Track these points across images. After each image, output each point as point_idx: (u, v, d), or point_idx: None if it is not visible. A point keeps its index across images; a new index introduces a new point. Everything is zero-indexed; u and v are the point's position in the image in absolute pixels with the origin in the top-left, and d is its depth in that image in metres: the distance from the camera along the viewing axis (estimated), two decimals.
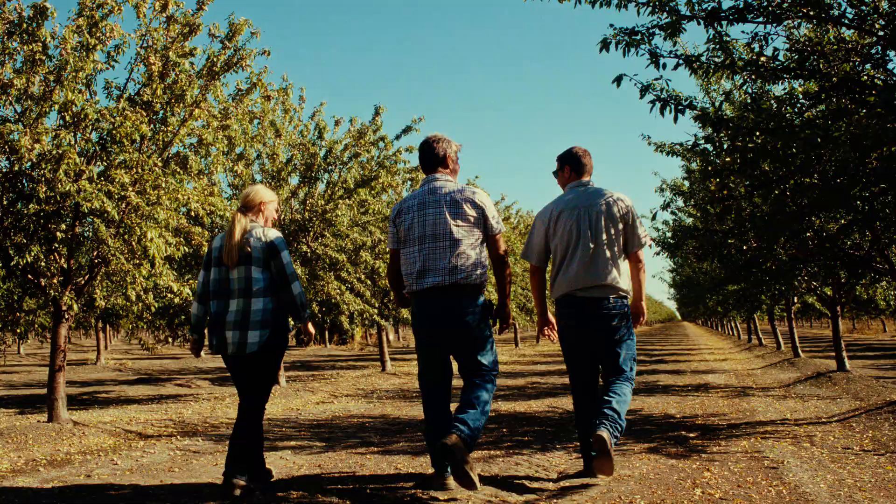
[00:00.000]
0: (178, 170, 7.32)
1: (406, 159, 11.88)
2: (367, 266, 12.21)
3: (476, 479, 4.49)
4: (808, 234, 7.36)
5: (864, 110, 3.18)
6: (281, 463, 5.94)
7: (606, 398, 5.05)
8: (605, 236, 5.16)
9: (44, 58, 6.65)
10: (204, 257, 5.28)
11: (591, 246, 5.13)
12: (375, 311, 12.26)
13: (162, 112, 7.30)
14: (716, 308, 26.37)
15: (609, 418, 4.87)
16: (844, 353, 12.35)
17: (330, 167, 11.36)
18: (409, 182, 14.37)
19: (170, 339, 13.17)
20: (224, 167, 8.32)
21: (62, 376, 7.37)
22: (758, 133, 3.68)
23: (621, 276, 5.20)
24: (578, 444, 5.74)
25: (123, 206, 6.96)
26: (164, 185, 7.11)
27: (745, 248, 7.84)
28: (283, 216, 11.26)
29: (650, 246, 7.26)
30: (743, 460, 5.82)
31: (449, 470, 4.79)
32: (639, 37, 3.84)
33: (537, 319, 5.53)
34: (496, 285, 5.28)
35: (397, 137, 12.05)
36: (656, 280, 49.79)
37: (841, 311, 12.27)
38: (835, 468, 5.45)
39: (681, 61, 3.90)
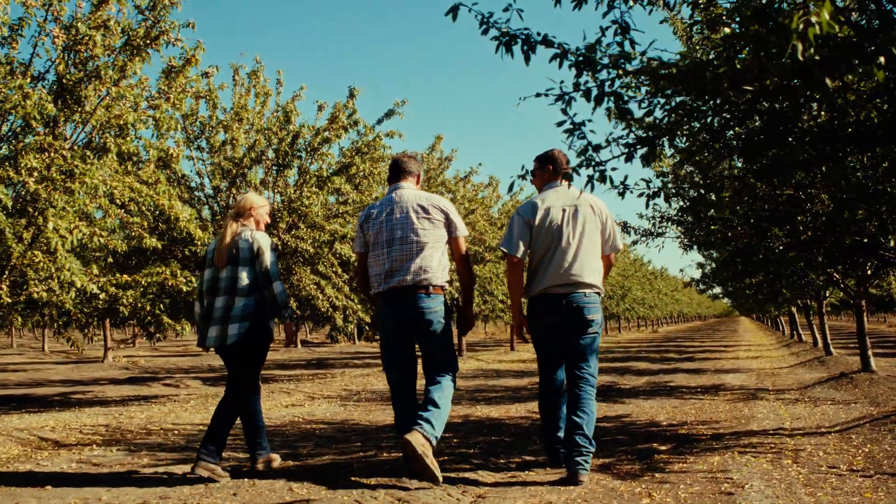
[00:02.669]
0: (89, 154, 6.64)
1: (388, 145, 11.09)
2: (349, 264, 11.43)
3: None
4: (800, 217, 6.40)
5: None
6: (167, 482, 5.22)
7: (577, 420, 5.09)
8: (590, 235, 5.30)
9: None
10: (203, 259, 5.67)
11: (578, 243, 5.25)
12: (360, 307, 11.50)
13: (75, 90, 6.65)
14: (749, 302, 25.11)
15: (585, 451, 5.01)
16: (870, 352, 11.24)
17: (299, 153, 10.61)
18: None
19: (148, 338, 12.52)
20: (162, 152, 7.62)
21: None
22: (620, 71, 2.86)
23: (600, 274, 5.36)
24: (543, 444, 5.64)
25: (24, 193, 6.34)
26: (77, 170, 6.46)
27: (729, 234, 6.92)
28: None
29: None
30: (701, 482, 4.95)
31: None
32: None
33: (513, 318, 5.65)
34: (460, 286, 5.60)
35: (379, 122, 11.27)
36: (681, 275, 48.12)
37: (866, 306, 11.17)
38: (803, 494, 4.55)
39: None
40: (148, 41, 6.92)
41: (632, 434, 7.04)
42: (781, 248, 6.78)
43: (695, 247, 8.20)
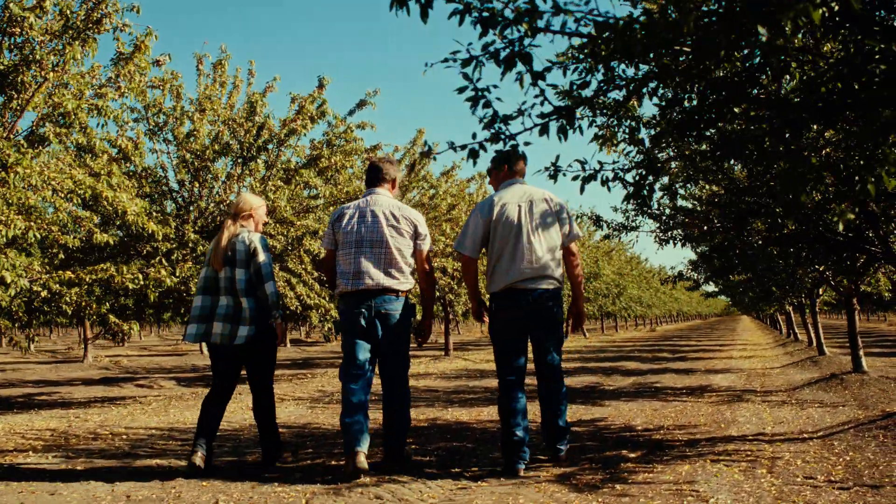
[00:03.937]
0: (23, 143, 6.26)
1: (359, 137, 10.67)
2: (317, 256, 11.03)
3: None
4: (779, 210, 6.00)
5: None
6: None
7: (555, 411, 5.41)
8: (546, 229, 5.35)
9: None
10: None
11: (538, 236, 5.31)
12: (332, 306, 11.10)
13: (12, 76, 6.27)
14: (743, 300, 24.70)
15: (565, 434, 5.50)
16: (861, 352, 10.82)
17: (266, 145, 10.18)
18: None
19: (108, 336, 12.12)
20: (109, 141, 7.24)
21: None
22: (525, 26, 2.48)
23: (559, 267, 5.43)
24: (500, 445, 5.49)
25: None
26: (10, 160, 6.08)
27: (706, 227, 6.53)
28: (221, 202, 10.15)
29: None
30: (663, 495, 4.56)
31: (359, 447, 5.07)
32: None
33: (472, 306, 5.75)
34: (421, 300, 5.81)
35: (350, 113, 10.88)
36: (671, 271, 47.46)
37: (858, 304, 10.76)
38: None
39: None
40: (90, 24, 6.53)
41: (602, 440, 6.65)
42: (760, 242, 6.38)
43: (670, 242, 7.81)
